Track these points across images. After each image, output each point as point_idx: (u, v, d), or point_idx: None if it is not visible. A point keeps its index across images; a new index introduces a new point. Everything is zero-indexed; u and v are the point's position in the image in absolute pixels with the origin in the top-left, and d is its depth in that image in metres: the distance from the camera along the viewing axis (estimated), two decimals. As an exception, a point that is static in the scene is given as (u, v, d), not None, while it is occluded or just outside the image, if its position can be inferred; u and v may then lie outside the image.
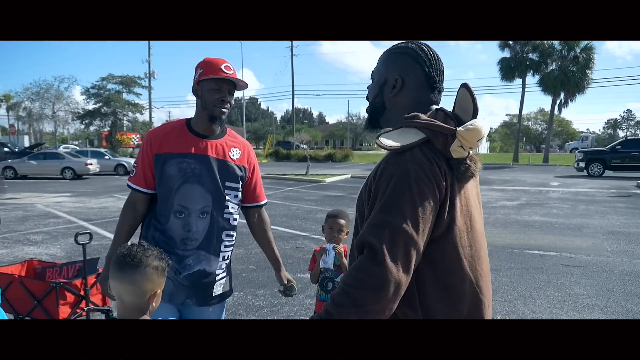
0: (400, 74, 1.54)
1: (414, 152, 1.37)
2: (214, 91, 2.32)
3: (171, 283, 2.31)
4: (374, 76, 1.65)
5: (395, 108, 1.57)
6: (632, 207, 12.43)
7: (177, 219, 2.33)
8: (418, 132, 1.41)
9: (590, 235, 8.72)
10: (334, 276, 3.17)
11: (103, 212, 11.70)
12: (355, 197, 1.58)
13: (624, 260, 6.92)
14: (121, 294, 1.63)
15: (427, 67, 1.53)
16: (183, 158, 2.33)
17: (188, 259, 2.34)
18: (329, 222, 3.27)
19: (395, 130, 1.46)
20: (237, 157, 2.46)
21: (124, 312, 1.65)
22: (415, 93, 1.54)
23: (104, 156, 26.98)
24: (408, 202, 1.31)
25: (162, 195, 2.35)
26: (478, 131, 1.40)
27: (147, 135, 2.45)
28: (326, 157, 38.22)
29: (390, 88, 1.56)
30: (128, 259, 1.62)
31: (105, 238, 8.39)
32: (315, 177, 21.43)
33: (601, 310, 4.95)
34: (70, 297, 3.83)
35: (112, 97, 41.54)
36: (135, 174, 2.41)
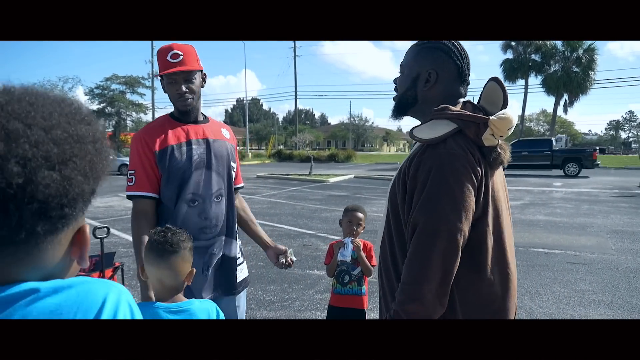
0: (434, 68, 1.59)
1: (448, 143, 1.42)
2: (170, 85, 2.23)
3: (199, 280, 2.26)
4: (403, 70, 1.68)
5: (427, 101, 1.62)
6: (635, 206, 12.48)
7: (191, 208, 2.25)
8: (449, 123, 1.47)
9: (594, 234, 8.78)
10: (350, 269, 3.20)
11: (109, 211, 11.78)
12: (360, 197, 1.65)
13: (628, 258, 6.99)
14: (162, 278, 1.72)
15: (460, 61, 1.59)
16: (188, 146, 2.26)
17: (212, 248, 2.29)
18: (348, 215, 3.30)
19: (426, 124, 1.52)
20: (229, 137, 2.47)
21: (162, 294, 1.74)
22: (446, 86, 1.60)
23: (108, 156, 27.01)
24: (449, 193, 1.37)
25: (172, 190, 2.24)
26: (509, 120, 1.46)
27: (137, 136, 2.29)
28: (329, 157, 38.28)
29: (424, 82, 1.61)
30: (167, 245, 1.70)
31: (113, 235, 8.45)
32: (319, 177, 21.47)
33: (607, 306, 5.02)
34: (88, 290, 3.93)
35: (115, 97, 41.65)
36: (135, 181, 2.24)
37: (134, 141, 2.29)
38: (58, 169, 0.67)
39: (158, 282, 1.74)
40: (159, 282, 1.73)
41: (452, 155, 1.40)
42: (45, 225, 0.68)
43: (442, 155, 1.41)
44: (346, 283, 3.22)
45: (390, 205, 1.57)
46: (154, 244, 1.72)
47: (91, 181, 0.72)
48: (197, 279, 2.26)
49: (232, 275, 2.42)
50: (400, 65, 1.71)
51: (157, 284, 1.74)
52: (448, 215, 1.36)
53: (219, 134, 2.40)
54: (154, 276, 1.74)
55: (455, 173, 1.39)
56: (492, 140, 1.45)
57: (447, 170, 1.39)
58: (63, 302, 0.70)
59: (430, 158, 1.42)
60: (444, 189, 1.38)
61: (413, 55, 1.65)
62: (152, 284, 1.79)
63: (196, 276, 2.24)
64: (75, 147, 0.70)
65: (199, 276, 2.26)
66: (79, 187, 0.70)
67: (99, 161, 0.73)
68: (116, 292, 0.77)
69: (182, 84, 2.22)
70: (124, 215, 11.08)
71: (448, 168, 1.39)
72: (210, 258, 2.30)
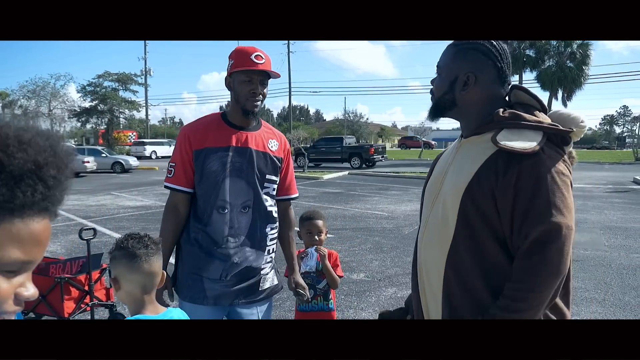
0: (473, 71, 1.54)
1: (546, 151, 1.42)
2: (245, 83, 2.24)
3: (218, 287, 2.27)
4: (440, 71, 1.63)
5: (466, 104, 1.58)
6: (628, 202, 12.51)
7: (220, 215, 2.26)
8: (534, 131, 1.45)
9: (587, 230, 8.77)
10: (315, 282, 2.95)
11: (102, 210, 11.71)
12: (354, 194, 1.61)
13: (621, 255, 6.99)
14: (145, 283, 1.67)
15: (499, 63, 1.54)
16: (225, 152, 2.26)
17: (234, 257, 2.28)
18: (306, 225, 3.04)
19: (507, 132, 1.46)
20: (276, 149, 2.40)
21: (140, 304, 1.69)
22: (487, 89, 1.56)
23: (100, 154, 26.93)
24: (562, 198, 1.38)
25: (203, 192, 2.28)
26: (586, 127, 1.50)
27: (183, 131, 2.35)
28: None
29: (462, 85, 1.56)
30: (148, 248, 1.66)
31: (104, 235, 8.41)
32: (313, 174, 21.45)
33: (599, 304, 5.00)
34: (74, 292, 3.87)
35: (108, 94, 41.46)
36: (173, 174, 2.31)
37: (180, 135, 2.36)
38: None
39: (140, 290, 1.67)
40: (142, 289, 1.67)
41: (555, 160, 1.42)
42: None
43: (546, 162, 1.41)
44: (311, 298, 2.88)
45: (462, 219, 1.49)
46: (133, 251, 1.65)
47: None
48: (215, 284, 2.28)
49: (256, 284, 2.37)
50: (437, 65, 1.65)
51: (139, 291, 1.67)
52: (567, 222, 1.37)
53: (263, 146, 2.35)
54: (134, 284, 1.66)
55: (561, 177, 1.41)
56: (570, 147, 1.50)
57: (554, 176, 1.40)
58: None
59: (533, 166, 1.40)
60: (556, 195, 1.38)
61: (450, 56, 1.60)
62: (131, 294, 1.69)
63: (213, 281, 2.28)
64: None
65: (217, 282, 2.27)
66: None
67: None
68: None
69: (258, 84, 2.25)
70: (115, 214, 11.02)
71: (555, 173, 1.40)
72: (232, 267, 2.28)
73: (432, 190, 1.66)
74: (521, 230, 1.40)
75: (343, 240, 7.97)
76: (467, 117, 1.60)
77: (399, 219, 10.02)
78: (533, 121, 1.46)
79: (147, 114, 48.64)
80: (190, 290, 2.31)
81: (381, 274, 6.10)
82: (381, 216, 10.28)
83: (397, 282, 5.76)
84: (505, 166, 1.42)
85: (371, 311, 4.86)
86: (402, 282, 5.75)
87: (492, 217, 1.45)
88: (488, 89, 1.56)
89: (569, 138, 1.48)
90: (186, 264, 2.33)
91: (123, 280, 1.67)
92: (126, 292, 1.68)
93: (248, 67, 2.21)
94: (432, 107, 1.67)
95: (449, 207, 1.52)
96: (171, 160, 2.36)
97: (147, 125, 49.49)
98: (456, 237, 1.50)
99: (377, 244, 7.76)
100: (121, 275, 1.67)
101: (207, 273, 2.27)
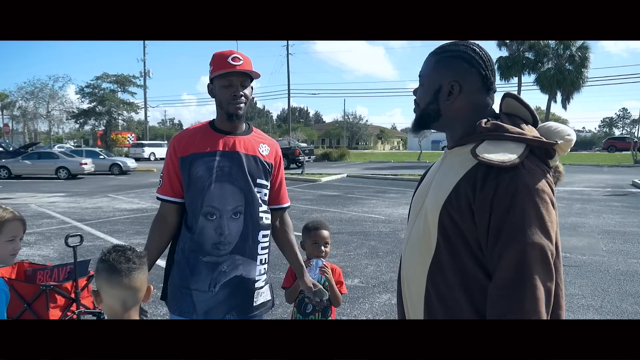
0: (457, 80, 1.48)
1: (525, 164, 1.34)
2: (225, 88, 2.20)
3: (207, 299, 2.20)
4: (423, 81, 1.57)
5: (452, 114, 1.52)
6: (627, 205, 12.45)
7: (208, 222, 2.20)
8: (518, 143, 1.38)
9: (585, 234, 8.71)
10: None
11: (97, 213, 11.63)
12: (352, 197, 1.55)
13: (619, 260, 6.92)
14: (125, 298, 1.62)
15: (483, 70, 1.48)
16: (211, 157, 2.21)
17: (222, 265, 2.21)
18: (312, 236, 2.86)
19: (484, 144, 1.40)
20: (267, 154, 2.34)
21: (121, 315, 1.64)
22: (472, 97, 1.50)
23: (98, 156, 26.88)
24: (538, 216, 1.30)
25: (191, 199, 2.23)
26: (573, 141, 1.42)
27: (171, 141, 2.33)
28: (322, 156, 38.20)
29: (446, 95, 1.50)
30: (130, 263, 1.61)
31: (98, 239, 8.34)
32: (311, 176, 21.40)
33: (596, 311, 4.93)
34: (60, 299, 3.80)
35: (106, 96, 41.40)
36: (162, 184, 2.30)
37: (169, 145, 2.35)
38: None
39: (120, 305, 1.62)
40: (122, 305, 1.62)
41: (534, 174, 1.34)
42: None
43: (525, 176, 1.32)
44: (308, 313, 2.79)
45: (442, 234, 1.43)
46: (114, 264, 1.61)
47: None
48: (203, 296, 2.21)
49: (249, 297, 2.30)
50: (419, 75, 1.59)
51: (119, 307, 1.62)
52: (541, 242, 1.28)
53: (253, 149, 2.30)
54: (115, 299, 1.62)
55: (540, 194, 1.32)
56: (556, 160, 1.43)
57: (533, 192, 1.31)
58: None
59: (510, 181, 1.32)
60: (532, 212, 1.30)
61: (432, 65, 1.54)
62: (111, 308, 1.64)
63: (202, 293, 2.21)
64: None
65: (205, 293, 2.20)
66: None
67: None
68: None
69: (238, 86, 2.21)
70: (111, 217, 10.95)
71: (533, 189, 1.32)
72: (219, 275, 2.21)
73: (417, 202, 1.60)
74: (494, 251, 1.32)
75: (339, 244, 7.90)
76: (451, 128, 1.53)
77: (396, 223, 9.96)
78: (516, 133, 1.39)
79: (146, 115, 48.60)
80: (179, 304, 2.24)
81: (376, 280, 6.03)
82: (378, 220, 10.20)
83: (391, 288, 5.69)
84: (483, 180, 1.35)
85: (364, 318, 4.78)
86: (396, 288, 5.67)
87: (471, 234, 1.37)
88: (473, 98, 1.49)
89: (552, 151, 1.40)
90: (175, 276, 2.27)
91: (103, 294, 1.63)
92: (106, 305, 1.64)
93: (226, 70, 2.17)
94: (416, 119, 1.60)
95: (429, 221, 1.46)
96: (161, 171, 2.35)
97: (146, 127, 49.45)
98: (437, 253, 1.44)
99: (373, 249, 7.69)
100: (101, 289, 1.63)
101: (195, 284, 2.20)
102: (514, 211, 1.30)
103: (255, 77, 2.28)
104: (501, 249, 1.30)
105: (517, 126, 1.43)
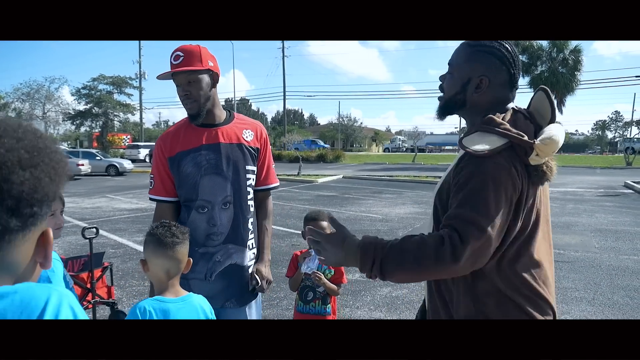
0: (487, 75, 1.54)
1: (495, 157, 1.41)
2: (178, 89, 2.20)
3: (205, 287, 2.24)
4: (453, 70, 1.62)
5: (475, 106, 1.59)
6: (619, 205, 12.67)
7: (200, 215, 2.25)
8: (500, 137, 1.43)
9: (578, 232, 8.92)
10: (315, 285, 2.92)
11: (97, 212, 11.74)
12: (348, 197, 1.66)
13: (610, 256, 7.12)
14: (170, 268, 1.86)
15: (512, 68, 1.55)
16: (197, 152, 2.24)
17: (216, 255, 2.26)
18: (312, 226, 2.78)
19: (476, 134, 1.47)
20: (251, 139, 2.36)
21: (164, 285, 1.88)
22: (497, 92, 1.56)
23: (95, 157, 26.88)
24: (483, 202, 1.36)
25: (184, 196, 2.28)
26: (556, 144, 1.44)
27: (157, 142, 2.35)
28: (318, 157, 38.28)
29: (474, 87, 1.56)
30: (174, 237, 1.84)
31: (101, 237, 8.43)
32: (308, 177, 21.51)
33: (589, 303, 5.13)
34: (77, 289, 3.94)
35: (103, 97, 41.43)
36: (153, 185, 2.33)
37: (155, 146, 2.35)
38: (30, 170, 0.77)
39: (165, 273, 1.86)
40: (166, 273, 1.86)
41: (497, 166, 1.39)
42: (18, 222, 0.76)
43: (487, 164, 1.40)
44: (309, 300, 2.92)
45: (435, 219, 1.57)
46: (160, 238, 1.84)
47: (55, 184, 0.82)
48: (201, 286, 2.26)
49: (245, 285, 2.36)
50: (449, 63, 1.65)
51: (163, 275, 1.86)
52: (480, 223, 1.35)
53: (237, 137, 2.32)
54: (160, 268, 1.86)
55: (495, 182, 1.38)
56: (538, 160, 1.44)
57: (487, 178, 1.38)
58: (8, 307, 0.76)
59: (473, 165, 1.42)
60: (481, 196, 1.37)
61: (465, 57, 1.59)
62: (156, 276, 1.88)
63: (200, 283, 2.29)
64: (41, 154, 0.80)
65: (202, 282, 2.28)
66: (46, 187, 0.80)
67: (59, 167, 0.83)
68: (57, 296, 0.81)
69: (185, 85, 2.17)
70: (112, 216, 11.06)
71: (489, 177, 1.38)
72: (214, 265, 2.28)
73: None
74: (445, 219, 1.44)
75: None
76: (473, 117, 1.61)
77: (393, 222, 10.13)
78: (502, 127, 1.44)
79: (142, 117, 48.56)
80: None
81: (376, 275, 6.18)
82: (375, 219, 10.36)
83: (391, 282, 5.84)
84: (457, 165, 1.48)
85: (366, 309, 4.95)
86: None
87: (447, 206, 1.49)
88: (498, 93, 1.57)
89: (530, 150, 1.42)
90: None
91: (150, 263, 1.87)
92: (152, 273, 1.88)
93: (171, 71, 2.17)
94: (442, 106, 1.67)
95: (432, 210, 1.61)
96: (151, 172, 2.37)
97: (142, 129, 49.39)
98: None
99: (371, 246, 7.83)
100: (148, 258, 1.87)
101: (192, 274, 2.24)
102: (464, 189, 1.40)
103: (204, 68, 2.18)
104: (444, 221, 1.42)
105: (515, 122, 1.48)
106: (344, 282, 3.02)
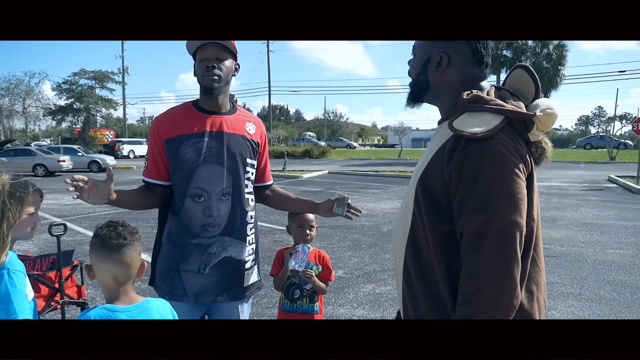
0: (445, 51, 1.47)
1: (497, 136, 1.30)
2: (200, 62, 2.17)
3: (198, 281, 2.18)
4: (415, 52, 1.57)
5: (441, 86, 1.51)
6: (603, 199, 12.71)
7: (196, 204, 2.17)
8: (495, 115, 1.34)
9: (563, 226, 8.88)
10: (302, 283, 2.79)
11: (77, 209, 11.48)
12: (333, 192, 1.54)
13: (596, 251, 7.07)
14: (116, 274, 1.63)
15: (474, 42, 1.47)
16: (199, 138, 2.17)
17: (212, 247, 2.19)
18: (297, 219, 2.82)
19: (463, 115, 1.37)
20: (253, 132, 2.33)
21: (115, 293, 1.65)
22: (462, 70, 1.48)
23: (77, 153, 26.50)
24: (504, 188, 1.27)
25: (177, 181, 2.20)
26: (555, 115, 1.36)
27: (153, 123, 2.28)
28: (303, 153, 38.15)
29: (435, 66, 1.49)
30: (120, 239, 1.63)
31: (79, 234, 8.24)
32: (293, 172, 21.41)
33: (575, 298, 5.04)
34: (44, 289, 3.75)
35: (84, 92, 40.90)
36: (147, 166, 2.27)
37: (151, 126, 2.30)
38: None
39: (112, 280, 1.64)
40: (113, 280, 1.64)
41: (503, 146, 1.29)
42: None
43: (492, 147, 1.28)
44: (296, 299, 2.78)
45: (417, 207, 1.43)
46: (104, 240, 1.63)
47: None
48: (194, 279, 2.19)
49: (239, 280, 2.29)
50: (412, 46, 1.59)
51: (111, 281, 1.64)
52: (508, 214, 1.25)
53: (240, 128, 2.27)
54: (106, 273, 1.64)
55: (508, 164, 1.28)
56: (537, 135, 1.37)
57: (499, 163, 1.27)
58: None
59: (477, 151, 1.29)
60: (498, 184, 1.26)
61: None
62: (104, 283, 1.67)
63: (193, 275, 2.19)
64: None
65: (195, 275, 2.18)
66: None
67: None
68: None
69: (213, 59, 2.16)
70: (91, 212, 10.82)
71: (500, 160, 1.27)
72: (209, 257, 2.19)
73: (411, 181, 1.62)
74: (459, 221, 1.31)
75: (322, 237, 7.92)
76: (441, 100, 1.53)
77: (377, 217, 10.03)
78: (494, 104, 1.36)
79: (125, 112, 48.01)
80: (169, 287, 2.21)
81: (359, 271, 6.07)
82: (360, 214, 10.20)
83: (375, 278, 5.74)
84: (452, 150, 1.34)
85: (349, 307, 4.82)
86: (380, 278, 5.73)
87: (444, 206, 1.36)
88: (463, 70, 1.48)
89: (531, 124, 1.35)
90: (163, 259, 2.25)
91: (95, 269, 1.66)
92: (99, 280, 1.67)
93: (199, 42, 2.15)
94: (409, 91, 1.60)
95: (410, 195, 1.48)
96: (146, 154, 2.33)
97: (125, 124, 48.89)
98: (413, 227, 1.45)
99: (355, 242, 7.73)
100: (93, 263, 1.66)
101: (185, 266, 2.18)
102: (479, 182, 1.27)
103: (233, 51, 2.23)
104: (465, 220, 1.29)
105: (502, 99, 1.41)
106: (332, 280, 2.91)
